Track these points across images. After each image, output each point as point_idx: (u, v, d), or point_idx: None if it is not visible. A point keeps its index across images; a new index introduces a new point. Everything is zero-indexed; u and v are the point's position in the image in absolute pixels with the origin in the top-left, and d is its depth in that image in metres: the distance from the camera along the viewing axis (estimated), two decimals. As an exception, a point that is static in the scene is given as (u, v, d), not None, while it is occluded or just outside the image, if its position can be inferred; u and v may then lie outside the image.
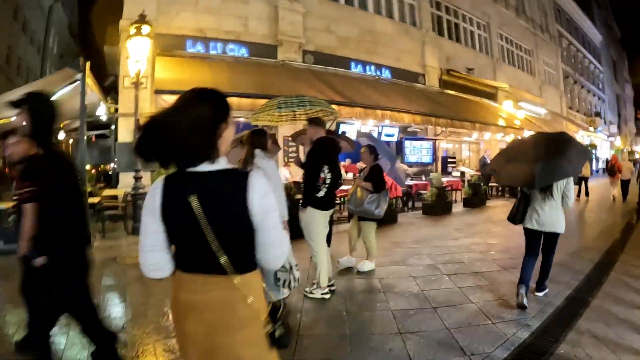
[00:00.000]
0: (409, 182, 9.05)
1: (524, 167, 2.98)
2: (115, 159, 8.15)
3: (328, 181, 3.15)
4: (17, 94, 7.55)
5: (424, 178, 10.57)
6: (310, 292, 3.29)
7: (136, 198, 5.74)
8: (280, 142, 9.96)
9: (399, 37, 12.67)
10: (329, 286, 3.30)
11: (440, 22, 14.70)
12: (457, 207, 8.98)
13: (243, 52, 9.57)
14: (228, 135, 1.11)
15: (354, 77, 11.14)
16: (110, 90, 10.84)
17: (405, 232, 6.40)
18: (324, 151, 3.22)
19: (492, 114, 14.50)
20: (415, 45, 13.18)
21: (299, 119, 5.65)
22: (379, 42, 12.04)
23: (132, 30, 6.11)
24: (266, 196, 1.07)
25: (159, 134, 1.05)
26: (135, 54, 6.01)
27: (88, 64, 5.14)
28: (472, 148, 16.74)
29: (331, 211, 3.42)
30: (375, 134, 11.85)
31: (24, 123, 1.89)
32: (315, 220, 3.23)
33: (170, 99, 6.95)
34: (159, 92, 7.41)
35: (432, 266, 4.32)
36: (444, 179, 9.67)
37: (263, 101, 8.11)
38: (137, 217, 5.51)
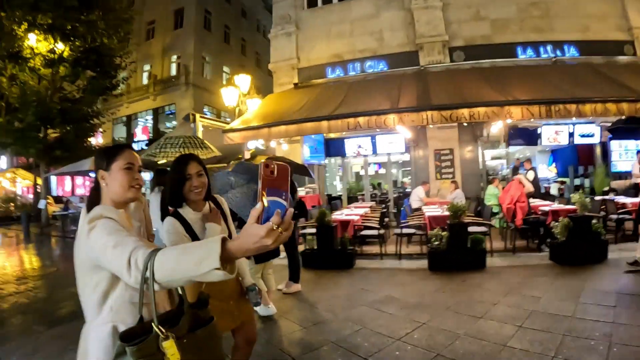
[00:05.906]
0: (547, 206, 5.76)
1: None
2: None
3: None
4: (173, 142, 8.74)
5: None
6: None
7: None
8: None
9: (581, 0, 9.44)
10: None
11: (646, -38, 10.41)
12: (629, 249, 4.65)
13: (382, 66, 8.85)
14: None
15: (523, 65, 8.70)
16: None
17: (432, 286, 4.06)
18: None
19: None
20: (609, 3, 9.56)
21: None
22: (552, 15, 9.22)
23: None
24: None
25: None
26: (228, 99, 8.59)
27: (198, 115, 8.02)
28: None
29: None
30: (565, 136, 8.82)
31: None
32: None
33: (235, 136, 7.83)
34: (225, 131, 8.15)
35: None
36: (631, 200, 6.13)
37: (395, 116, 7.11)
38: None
